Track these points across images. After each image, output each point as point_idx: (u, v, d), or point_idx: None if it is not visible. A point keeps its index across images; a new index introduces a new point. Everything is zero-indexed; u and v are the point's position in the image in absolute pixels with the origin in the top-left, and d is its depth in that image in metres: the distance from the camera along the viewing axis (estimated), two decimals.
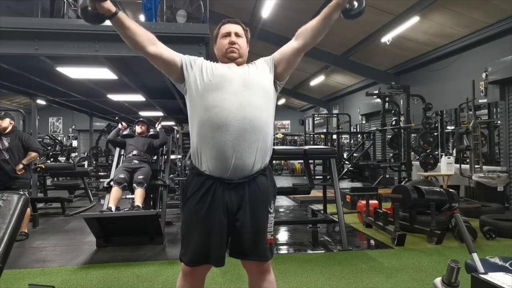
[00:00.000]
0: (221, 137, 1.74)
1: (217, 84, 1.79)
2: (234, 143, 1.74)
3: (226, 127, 1.73)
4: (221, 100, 1.76)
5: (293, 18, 8.93)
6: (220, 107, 1.75)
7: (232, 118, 1.74)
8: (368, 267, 3.50)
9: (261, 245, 1.83)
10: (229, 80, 1.80)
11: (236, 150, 1.74)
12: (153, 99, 7.14)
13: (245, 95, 1.79)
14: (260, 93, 1.83)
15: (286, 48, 1.90)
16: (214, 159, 1.76)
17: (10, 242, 1.86)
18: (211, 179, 1.78)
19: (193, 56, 1.92)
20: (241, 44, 1.91)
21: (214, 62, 1.94)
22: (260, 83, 1.85)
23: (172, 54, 1.87)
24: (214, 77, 1.81)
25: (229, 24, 1.93)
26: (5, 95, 14.24)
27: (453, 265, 1.76)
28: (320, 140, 13.31)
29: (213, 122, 1.75)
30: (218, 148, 1.74)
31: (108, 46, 3.70)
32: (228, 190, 1.78)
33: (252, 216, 1.81)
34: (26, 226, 4.75)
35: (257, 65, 1.91)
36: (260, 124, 1.80)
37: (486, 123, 7.15)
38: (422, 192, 4.48)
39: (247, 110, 1.77)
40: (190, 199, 1.83)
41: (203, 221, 1.78)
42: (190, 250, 1.81)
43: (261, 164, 1.83)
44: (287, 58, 1.89)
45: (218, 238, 1.78)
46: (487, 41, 7.08)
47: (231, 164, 1.75)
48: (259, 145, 1.79)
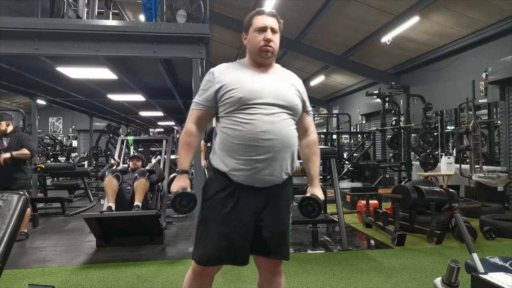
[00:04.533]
0: (252, 155, 1.70)
1: (249, 100, 1.72)
2: (265, 163, 1.71)
3: (257, 145, 1.69)
4: (253, 117, 1.71)
5: (293, 18, 8.93)
6: (252, 124, 1.70)
7: (263, 136, 1.70)
8: (368, 267, 3.50)
9: (285, 245, 1.83)
10: (261, 96, 1.74)
11: (267, 167, 1.72)
12: (153, 99, 7.14)
13: (276, 112, 1.74)
14: (291, 111, 1.80)
15: (305, 120, 1.92)
16: (242, 173, 1.72)
17: (10, 242, 1.86)
18: (236, 183, 1.75)
19: (208, 76, 1.83)
20: (276, 42, 1.81)
21: (239, 65, 1.85)
22: (292, 103, 1.80)
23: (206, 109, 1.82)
24: (245, 92, 1.72)
25: (265, 16, 1.81)
26: (5, 95, 14.23)
27: (453, 265, 1.76)
28: (320, 140, 13.30)
29: (244, 139, 1.70)
30: (248, 166, 1.71)
31: (108, 46, 3.70)
32: (254, 192, 1.75)
33: (276, 216, 1.80)
34: (26, 226, 4.74)
35: (292, 83, 1.86)
36: (291, 141, 1.78)
37: (486, 123, 7.15)
38: (422, 192, 4.48)
39: (279, 128, 1.73)
40: (212, 199, 1.77)
41: (225, 222, 1.73)
42: (208, 250, 1.75)
43: (290, 173, 1.83)
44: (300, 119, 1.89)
45: (243, 240, 1.74)
46: (487, 41, 7.07)
47: (260, 179, 1.73)
48: (289, 161, 1.79)
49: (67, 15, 4.28)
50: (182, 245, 4.28)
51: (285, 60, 12.50)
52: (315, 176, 1.93)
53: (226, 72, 1.81)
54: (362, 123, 12.84)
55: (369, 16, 7.96)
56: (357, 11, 7.90)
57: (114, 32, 3.70)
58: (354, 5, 7.68)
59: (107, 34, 3.68)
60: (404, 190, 4.58)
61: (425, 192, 4.47)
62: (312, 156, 1.94)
